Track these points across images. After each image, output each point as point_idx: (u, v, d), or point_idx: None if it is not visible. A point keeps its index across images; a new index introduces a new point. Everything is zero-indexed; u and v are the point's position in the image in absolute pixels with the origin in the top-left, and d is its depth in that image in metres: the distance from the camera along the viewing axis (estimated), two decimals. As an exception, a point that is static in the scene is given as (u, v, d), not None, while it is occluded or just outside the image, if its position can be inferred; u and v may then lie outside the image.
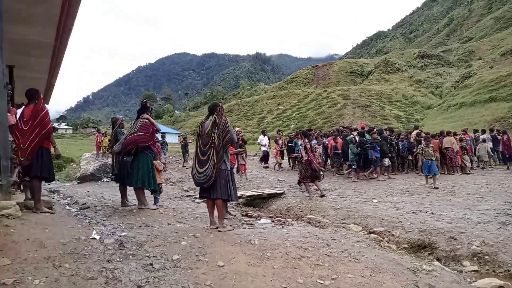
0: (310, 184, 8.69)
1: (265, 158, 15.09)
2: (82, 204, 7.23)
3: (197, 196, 8.72)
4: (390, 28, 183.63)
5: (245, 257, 3.85)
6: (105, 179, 13.48)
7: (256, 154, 19.02)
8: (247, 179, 11.29)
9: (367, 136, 11.27)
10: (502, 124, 30.14)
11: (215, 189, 4.62)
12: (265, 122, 47.05)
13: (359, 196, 8.72)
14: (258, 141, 15.24)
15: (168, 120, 67.58)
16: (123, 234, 4.28)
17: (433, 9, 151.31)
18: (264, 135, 15.50)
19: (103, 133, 18.01)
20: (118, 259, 3.65)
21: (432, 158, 9.59)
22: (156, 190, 6.03)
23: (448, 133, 12.25)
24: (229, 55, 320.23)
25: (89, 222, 5.11)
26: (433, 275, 3.68)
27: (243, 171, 11.38)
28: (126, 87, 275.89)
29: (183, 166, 16.26)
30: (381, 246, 4.74)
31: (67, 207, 7.40)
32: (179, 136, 44.82)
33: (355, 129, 13.22)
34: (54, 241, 3.72)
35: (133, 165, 5.78)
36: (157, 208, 5.88)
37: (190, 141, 21.04)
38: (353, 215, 6.86)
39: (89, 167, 13.63)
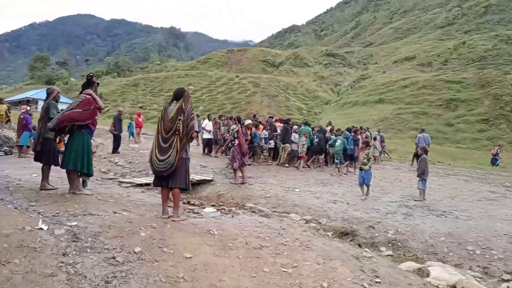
0: (236, 167, 9.06)
1: (208, 145, 13.74)
2: (-15, 184, 6.26)
3: (122, 179, 8.36)
4: (304, 24, 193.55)
5: (209, 248, 3.93)
6: (-2, 153, 11.76)
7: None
8: None
9: (347, 133, 12.59)
10: (385, 123, 34.87)
11: (174, 177, 4.52)
12: (173, 101, 45.84)
13: (282, 185, 9.30)
14: (203, 125, 13.46)
15: (61, 88, 60.56)
16: (74, 224, 3.94)
17: (344, 11, 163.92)
18: (209, 119, 13.89)
19: (-2, 100, 15.15)
20: (74, 252, 3.39)
21: (363, 167, 8.28)
22: (91, 175, 5.55)
23: (355, 131, 13.69)
24: (140, 24, 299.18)
25: (15, 208, 4.54)
26: (373, 261, 4.28)
27: None
28: (13, 44, 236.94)
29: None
30: (321, 234, 5.28)
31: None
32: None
33: (277, 120, 13.94)
34: (-9, 232, 3.29)
35: (67, 145, 5.26)
36: (93, 194, 5.45)
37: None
38: (282, 203, 7.37)
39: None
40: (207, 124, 13.58)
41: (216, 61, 64.40)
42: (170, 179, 4.54)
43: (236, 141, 8.80)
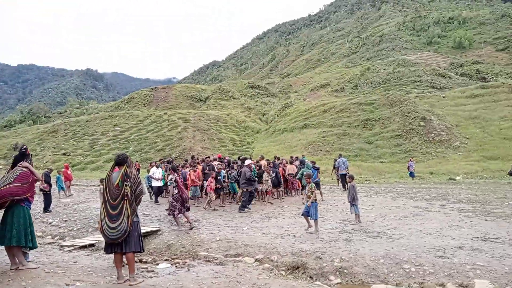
0: (179, 216, 9.02)
1: (159, 194, 13.40)
2: None
3: (63, 243, 7.84)
4: (224, 59, 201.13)
5: (173, 309, 3.98)
6: None
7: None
8: None
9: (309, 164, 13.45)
10: (313, 146, 37.09)
11: (128, 242, 4.51)
12: (99, 145, 43.81)
13: (229, 224, 9.45)
14: (150, 173, 13.29)
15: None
16: (28, 308, 3.72)
17: (259, 47, 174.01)
18: (158, 166, 13.44)
19: None
20: None
21: (309, 200, 8.29)
22: (35, 247, 5.23)
23: (291, 162, 14.49)
24: (53, 68, 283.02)
25: None
26: (326, 295, 4.67)
27: None
28: None
29: None
30: (275, 275, 5.54)
31: None
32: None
33: (215, 159, 14.10)
34: None
35: (5, 221, 4.93)
36: (38, 267, 5.11)
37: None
38: (233, 245, 7.51)
39: None
40: (155, 172, 13.15)
41: (141, 100, 63.22)
42: (124, 244, 4.52)
43: (176, 190, 8.85)
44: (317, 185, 13.31)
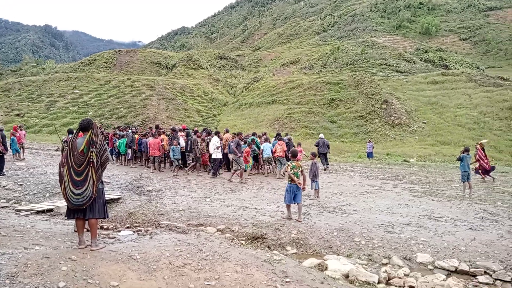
0: None
1: (217, 168, 12.23)
2: None
3: (19, 207, 7.62)
4: (194, 26, 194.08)
5: (134, 273, 4.07)
6: None
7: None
8: None
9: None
10: (279, 122, 37.53)
11: (92, 209, 4.48)
12: (56, 107, 41.70)
13: (192, 195, 9.56)
14: (211, 144, 11.96)
15: None
16: (-16, 270, 3.67)
17: (231, 16, 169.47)
18: (219, 136, 12.20)
19: None
20: (-8, 300, 3.26)
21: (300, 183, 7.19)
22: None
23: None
24: (6, 21, 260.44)
25: None
26: (282, 262, 4.93)
27: None
28: None
29: None
30: (236, 243, 5.76)
31: None
32: None
33: (180, 130, 13.97)
34: None
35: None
36: (-7, 230, 5.01)
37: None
38: (196, 215, 7.67)
39: None
40: (216, 142, 11.92)
41: (103, 62, 60.34)
42: (88, 210, 4.50)
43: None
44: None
